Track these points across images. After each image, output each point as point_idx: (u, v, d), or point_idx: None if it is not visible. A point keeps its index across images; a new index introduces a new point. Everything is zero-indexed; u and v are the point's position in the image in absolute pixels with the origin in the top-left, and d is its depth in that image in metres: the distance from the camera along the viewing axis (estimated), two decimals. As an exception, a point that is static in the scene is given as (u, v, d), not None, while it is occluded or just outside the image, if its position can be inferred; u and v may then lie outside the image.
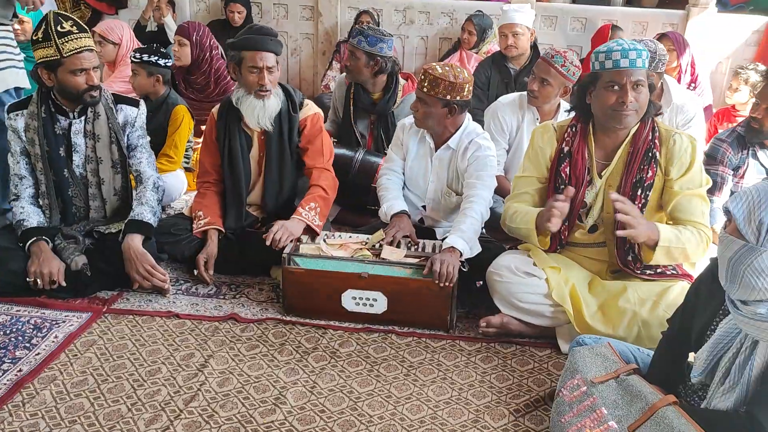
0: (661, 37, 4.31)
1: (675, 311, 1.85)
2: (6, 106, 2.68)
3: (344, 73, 3.66)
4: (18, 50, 3.08)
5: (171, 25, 5.07)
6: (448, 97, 2.61)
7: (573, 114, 2.41)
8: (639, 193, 2.28)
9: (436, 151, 2.79)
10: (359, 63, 3.37)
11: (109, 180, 2.73)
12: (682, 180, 2.26)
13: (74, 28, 2.52)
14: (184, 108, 3.60)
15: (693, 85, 4.35)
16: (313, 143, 2.89)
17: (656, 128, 2.30)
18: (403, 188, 2.91)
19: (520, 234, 2.43)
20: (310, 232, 2.75)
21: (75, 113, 2.66)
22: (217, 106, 2.92)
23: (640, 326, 2.22)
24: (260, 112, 2.76)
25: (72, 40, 2.50)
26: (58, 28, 2.48)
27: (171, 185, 3.51)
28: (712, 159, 3.09)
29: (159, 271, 2.62)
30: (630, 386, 1.68)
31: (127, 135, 2.76)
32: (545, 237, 2.36)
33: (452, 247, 2.45)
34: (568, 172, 2.36)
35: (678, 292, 2.22)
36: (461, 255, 2.45)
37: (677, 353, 1.77)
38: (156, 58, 3.52)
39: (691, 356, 1.73)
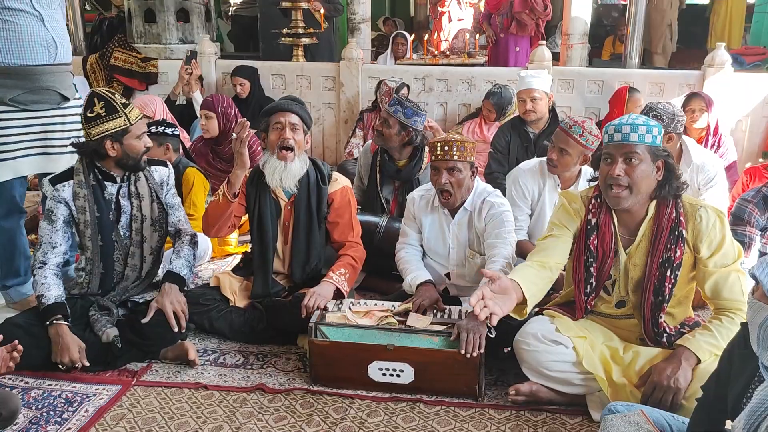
0: (692, 96, 4.35)
1: (709, 378, 1.81)
2: (47, 179, 2.77)
3: (370, 141, 3.76)
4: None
5: (199, 100, 5.27)
6: (472, 158, 2.70)
7: (594, 183, 2.42)
8: (668, 273, 2.26)
9: (452, 217, 2.82)
10: (392, 131, 3.49)
11: (149, 238, 2.84)
12: (715, 258, 2.23)
13: (124, 99, 2.72)
14: (194, 170, 3.78)
15: (717, 144, 4.36)
16: (342, 217, 2.95)
17: (679, 204, 2.27)
18: (424, 257, 2.93)
19: None
20: (339, 296, 2.77)
21: (121, 179, 2.78)
22: (250, 170, 3.00)
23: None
24: (282, 174, 2.82)
25: (133, 109, 2.70)
26: (121, 100, 2.67)
27: (200, 246, 3.58)
28: (738, 219, 3.08)
29: (186, 313, 2.69)
30: (666, 457, 1.64)
31: (165, 194, 2.88)
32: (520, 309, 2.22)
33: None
34: (596, 245, 2.35)
35: (712, 358, 2.18)
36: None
37: (714, 421, 1.73)
38: (162, 128, 3.73)
39: (728, 424, 1.68)
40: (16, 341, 2.22)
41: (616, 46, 9.44)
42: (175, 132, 3.78)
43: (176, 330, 2.65)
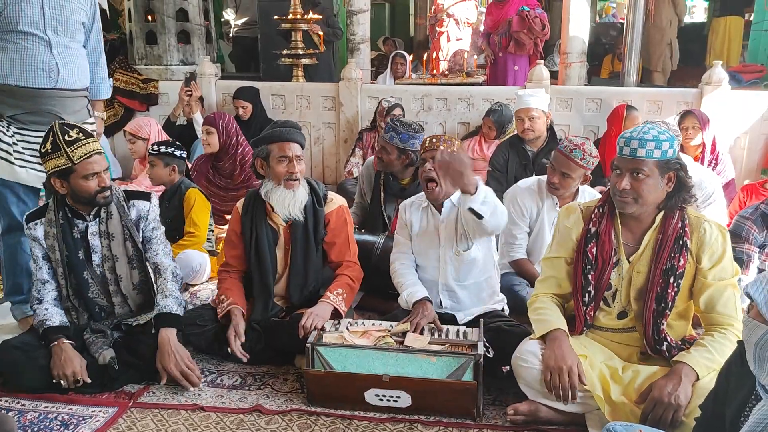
0: (686, 114, 4.37)
1: (707, 396, 1.80)
2: (26, 214, 2.79)
3: (372, 157, 3.78)
4: None
5: (199, 121, 5.29)
6: None
7: (599, 196, 2.45)
8: (671, 281, 2.27)
9: (440, 213, 2.83)
10: (391, 156, 3.52)
11: (126, 276, 2.78)
12: (714, 270, 2.26)
13: (80, 135, 2.59)
14: (195, 190, 3.80)
15: (714, 162, 4.37)
16: (339, 237, 2.95)
17: (686, 217, 2.30)
18: (417, 269, 2.92)
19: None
20: (337, 316, 2.77)
21: (90, 216, 2.73)
22: (241, 201, 3.01)
23: (673, 412, 2.15)
24: (290, 203, 2.83)
25: (80, 146, 2.57)
26: (65, 137, 2.56)
27: (196, 262, 3.64)
28: (737, 237, 3.07)
29: (196, 368, 2.65)
30: (664, 477, 1.63)
31: (141, 229, 2.82)
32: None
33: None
34: (594, 253, 2.37)
35: (710, 376, 2.16)
36: (476, 188, 2.44)
37: (712, 440, 1.72)
38: (172, 149, 3.78)
39: (727, 444, 1.67)
40: None
41: (614, 64, 9.49)
42: (183, 155, 3.83)
43: (191, 389, 2.61)
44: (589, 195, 3.21)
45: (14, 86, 2.93)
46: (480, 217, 2.51)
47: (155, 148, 3.79)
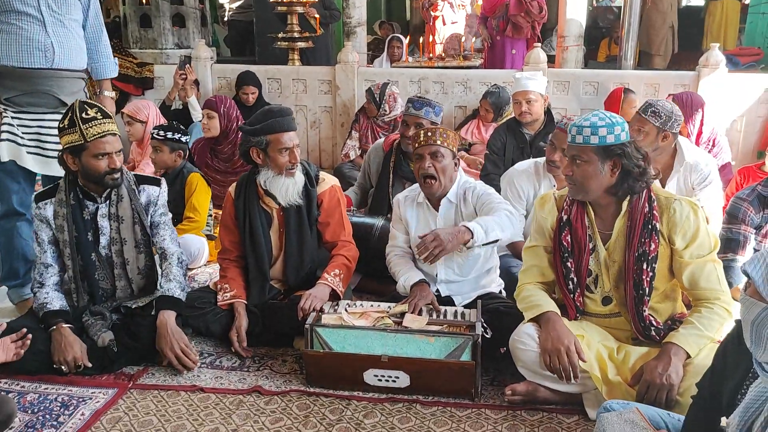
0: (675, 97, 4.36)
1: (704, 375, 1.81)
2: (34, 194, 2.78)
3: (382, 139, 3.76)
4: None
5: (194, 105, 5.27)
6: (454, 147, 2.73)
7: None
8: (645, 267, 2.28)
9: (437, 210, 2.83)
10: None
11: (133, 260, 2.79)
12: (690, 248, 2.26)
13: (98, 114, 2.61)
14: (197, 175, 3.80)
15: (711, 144, 4.37)
16: (332, 217, 2.95)
17: (653, 198, 2.30)
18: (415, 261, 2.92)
19: None
20: (335, 297, 2.78)
21: (101, 198, 2.74)
22: (233, 186, 2.99)
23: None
24: (291, 189, 2.83)
25: (95, 125, 2.58)
26: (83, 114, 2.58)
27: (194, 247, 3.64)
28: (733, 218, 3.08)
29: (192, 352, 2.65)
30: (662, 454, 1.64)
31: (150, 214, 2.83)
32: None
33: (466, 228, 2.51)
34: (569, 240, 2.39)
35: (706, 354, 2.18)
36: (473, 236, 2.48)
37: (709, 418, 1.73)
38: (179, 135, 3.76)
39: (724, 420, 1.69)
40: (25, 329, 2.41)
41: (611, 48, 9.46)
42: (187, 140, 3.84)
43: (186, 372, 2.62)
44: None
45: (10, 67, 2.91)
46: (496, 240, 2.59)
47: (161, 133, 3.75)
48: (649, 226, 2.27)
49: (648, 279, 2.28)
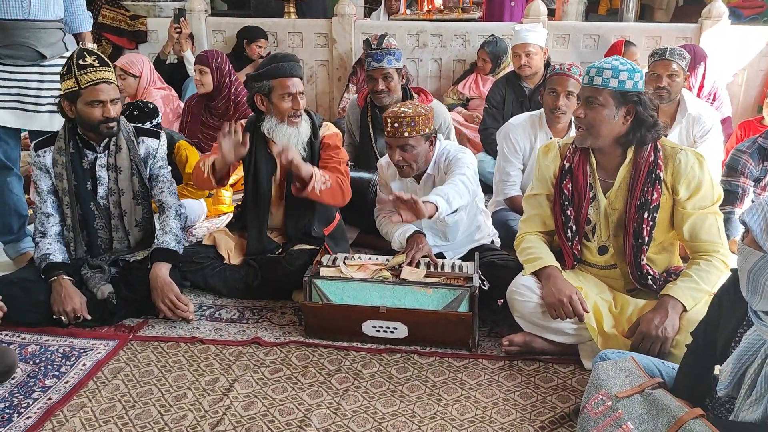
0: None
1: (699, 324, 1.83)
2: (34, 143, 2.76)
3: (355, 96, 3.71)
4: None
5: (190, 59, 5.18)
6: (427, 130, 2.66)
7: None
8: (646, 215, 2.27)
9: (418, 183, 2.82)
10: (395, 82, 3.50)
11: (130, 211, 2.79)
12: (693, 199, 2.25)
13: (96, 61, 2.58)
14: (184, 143, 3.71)
15: (712, 97, 4.33)
16: (332, 158, 2.92)
17: (658, 147, 2.27)
18: None
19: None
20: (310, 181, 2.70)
21: (100, 147, 2.72)
22: (244, 120, 2.95)
23: (664, 340, 2.20)
24: (294, 140, 2.81)
25: (90, 72, 2.56)
26: (80, 61, 2.55)
27: (191, 209, 3.62)
28: (732, 170, 3.07)
29: (183, 302, 2.66)
30: (656, 400, 1.66)
31: (149, 166, 2.81)
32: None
33: (432, 203, 2.40)
34: (570, 189, 2.38)
35: (701, 308, 2.19)
36: (437, 209, 2.40)
37: (703, 366, 1.75)
38: (148, 122, 3.43)
39: (717, 369, 1.71)
40: None
41: (612, 1, 9.28)
42: (158, 122, 3.54)
43: (185, 323, 2.64)
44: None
45: None
46: (456, 210, 2.55)
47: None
48: (653, 175, 2.25)
49: (648, 228, 2.28)
